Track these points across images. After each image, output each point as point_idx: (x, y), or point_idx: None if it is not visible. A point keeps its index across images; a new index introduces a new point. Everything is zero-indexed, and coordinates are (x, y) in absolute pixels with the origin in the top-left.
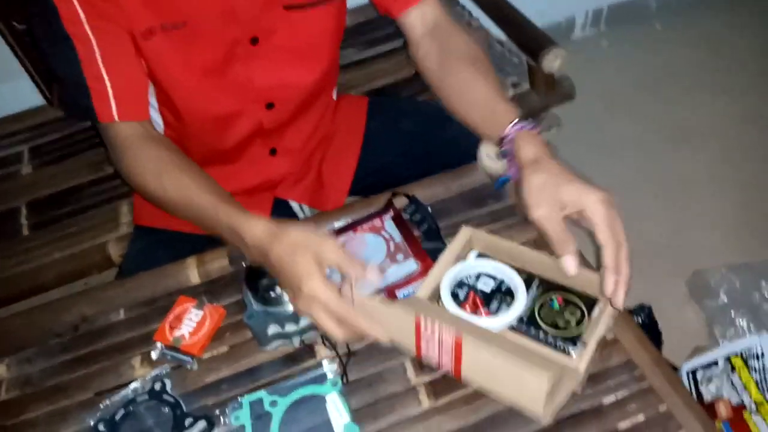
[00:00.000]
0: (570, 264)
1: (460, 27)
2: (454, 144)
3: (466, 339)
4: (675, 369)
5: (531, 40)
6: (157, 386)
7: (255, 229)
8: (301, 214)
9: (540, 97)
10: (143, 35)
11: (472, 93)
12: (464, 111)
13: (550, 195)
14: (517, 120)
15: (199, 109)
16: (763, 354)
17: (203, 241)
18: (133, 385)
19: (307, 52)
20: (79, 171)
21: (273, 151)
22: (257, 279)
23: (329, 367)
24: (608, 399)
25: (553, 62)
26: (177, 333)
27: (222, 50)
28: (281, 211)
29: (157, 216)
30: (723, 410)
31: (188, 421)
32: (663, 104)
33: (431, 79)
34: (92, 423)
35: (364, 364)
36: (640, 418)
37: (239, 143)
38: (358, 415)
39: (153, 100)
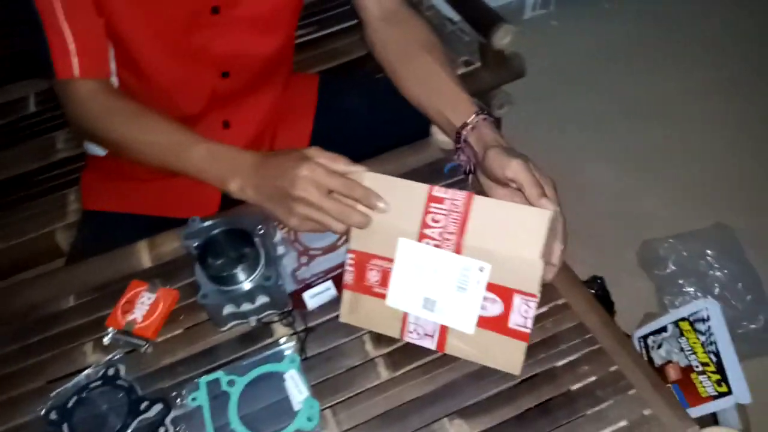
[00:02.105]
0: (546, 203)
1: (416, 13)
2: (407, 119)
3: (476, 198)
4: (627, 337)
5: (481, 18)
6: (111, 371)
7: (248, 153)
8: None
9: (491, 74)
10: None
11: (435, 81)
12: (425, 98)
13: (517, 159)
14: (478, 110)
15: (155, 72)
16: (708, 317)
17: (154, 222)
18: (85, 372)
19: (266, 23)
20: (24, 159)
21: (226, 124)
22: (210, 259)
23: (287, 345)
24: (561, 362)
25: (503, 39)
26: (129, 317)
27: (182, 16)
28: None
29: (106, 199)
30: (672, 373)
31: (144, 404)
32: (612, 79)
33: (389, 65)
34: (43, 411)
35: (323, 339)
36: (592, 378)
37: (193, 113)
38: (317, 390)
39: (112, 65)
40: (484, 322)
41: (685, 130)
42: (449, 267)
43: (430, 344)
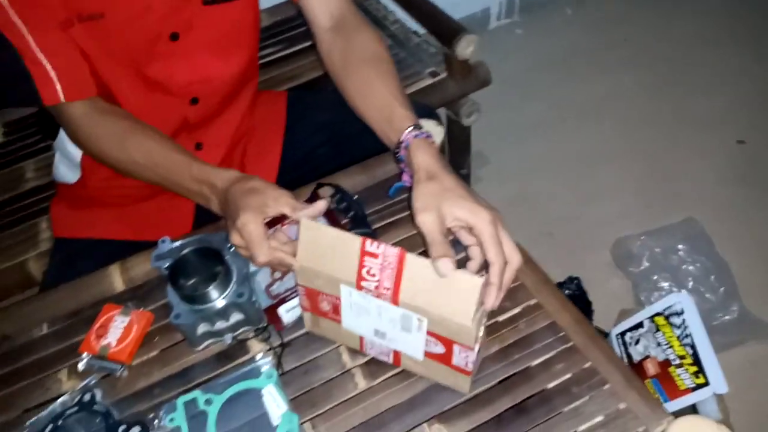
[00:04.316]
0: (445, 266)
1: (366, 23)
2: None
3: (408, 256)
4: (606, 335)
5: (444, 29)
6: (86, 397)
7: (226, 173)
8: None
9: (458, 84)
10: (62, 25)
11: (372, 94)
12: (364, 111)
13: (437, 205)
14: (412, 127)
15: (126, 101)
16: (682, 310)
17: (126, 246)
18: (61, 399)
19: (227, 45)
20: None
21: (198, 146)
22: (182, 279)
23: (264, 360)
24: (536, 361)
25: (466, 48)
26: (103, 342)
27: (141, 45)
28: (205, 209)
29: (77, 226)
30: (651, 368)
31: (122, 428)
32: (573, 84)
33: (334, 76)
34: None
35: (299, 353)
36: (567, 376)
37: None
38: (295, 404)
39: None
40: (430, 355)
41: (649, 128)
42: (390, 314)
43: (387, 359)
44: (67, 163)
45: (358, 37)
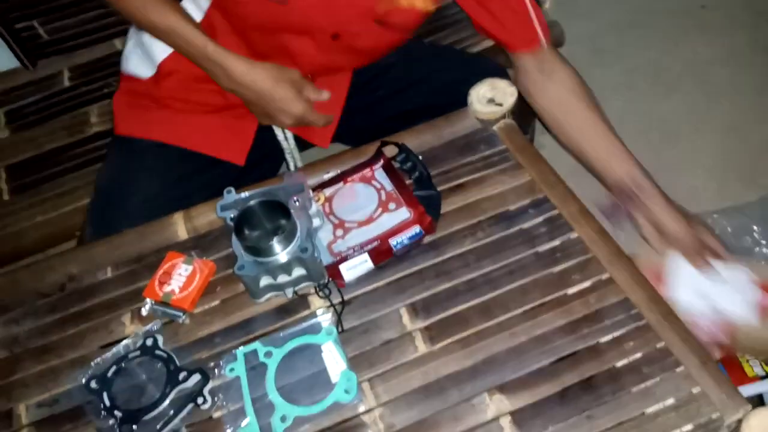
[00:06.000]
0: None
1: (564, 59)
2: (444, 86)
3: None
4: None
5: None
6: (149, 342)
7: (240, 65)
8: (285, 144)
9: None
10: None
11: (594, 136)
12: (584, 152)
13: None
14: (639, 170)
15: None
16: None
17: (185, 155)
18: (124, 342)
19: (374, 52)
20: (58, 134)
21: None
22: (247, 230)
23: (324, 317)
24: (605, 338)
25: (542, 3)
26: (167, 288)
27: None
28: (265, 135)
29: (139, 124)
30: (716, 352)
31: (182, 375)
32: (647, 50)
33: (549, 115)
34: (84, 380)
35: (359, 312)
36: (638, 355)
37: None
38: (354, 363)
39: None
40: None
41: (725, 100)
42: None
43: None
44: (140, 54)
45: (566, 77)
